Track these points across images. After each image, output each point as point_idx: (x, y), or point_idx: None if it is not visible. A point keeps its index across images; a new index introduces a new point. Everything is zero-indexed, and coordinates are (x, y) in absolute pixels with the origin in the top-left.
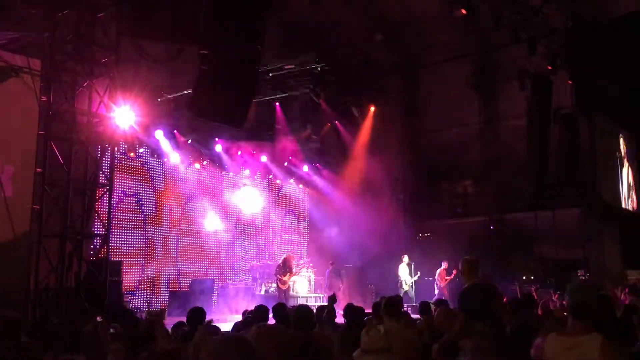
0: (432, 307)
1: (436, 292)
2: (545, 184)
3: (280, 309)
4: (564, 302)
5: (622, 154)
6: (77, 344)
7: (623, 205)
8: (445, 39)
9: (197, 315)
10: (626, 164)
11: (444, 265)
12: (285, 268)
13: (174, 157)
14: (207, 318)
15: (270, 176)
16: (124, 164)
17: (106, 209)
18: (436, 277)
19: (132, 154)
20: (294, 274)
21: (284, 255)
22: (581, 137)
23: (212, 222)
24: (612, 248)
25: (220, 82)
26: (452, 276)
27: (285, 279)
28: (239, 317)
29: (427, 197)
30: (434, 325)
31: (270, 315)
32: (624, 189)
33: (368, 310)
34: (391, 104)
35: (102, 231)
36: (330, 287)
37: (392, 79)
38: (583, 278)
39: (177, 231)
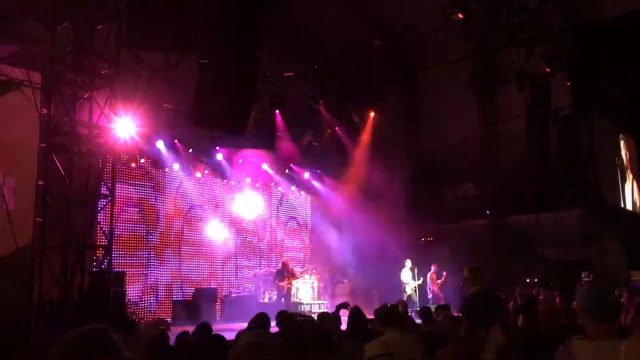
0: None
1: (430, 295)
2: (546, 186)
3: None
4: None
5: (624, 161)
6: None
7: (626, 207)
8: (444, 42)
9: (205, 330)
10: (630, 175)
11: (433, 268)
12: (283, 273)
13: (175, 166)
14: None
15: (272, 183)
16: (126, 174)
17: (108, 219)
18: (427, 281)
19: (133, 165)
20: (295, 278)
21: (281, 261)
22: (581, 138)
23: (214, 231)
24: (614, 248)
25: (220, 91)
26: (443, 279)
27: (283, 284)
28: (241, 326)
29: (428, 201)
30: (437, 332)
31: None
32: (627, 203)
33: (370, 317)
34: (391, 108)
35: (105, 242)
36: (333, 292)
37: (391, 84)
38: (587, 280)
39: (179, 240)
